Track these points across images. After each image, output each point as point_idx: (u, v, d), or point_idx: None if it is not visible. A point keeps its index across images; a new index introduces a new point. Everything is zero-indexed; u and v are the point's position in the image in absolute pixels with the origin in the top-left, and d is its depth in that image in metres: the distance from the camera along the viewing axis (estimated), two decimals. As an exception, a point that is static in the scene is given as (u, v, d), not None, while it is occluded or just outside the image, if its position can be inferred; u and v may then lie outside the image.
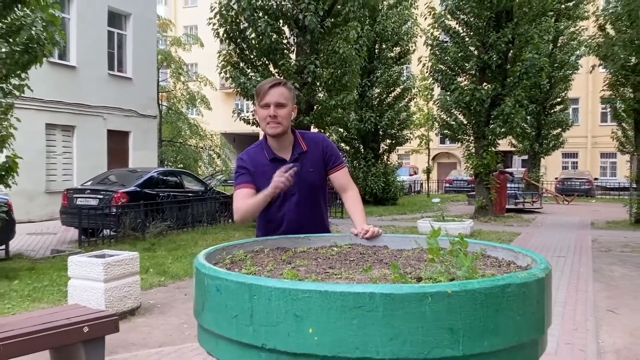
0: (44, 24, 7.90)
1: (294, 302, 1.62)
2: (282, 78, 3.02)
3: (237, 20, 13.92)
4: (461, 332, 1.55)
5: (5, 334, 3.75)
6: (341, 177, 3.05)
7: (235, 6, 13.78)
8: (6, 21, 7.92)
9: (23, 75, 8.20)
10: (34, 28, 7.79)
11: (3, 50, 7.79)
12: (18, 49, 7.88)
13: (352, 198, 3.04)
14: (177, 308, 6.74)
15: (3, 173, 8.27)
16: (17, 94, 8.23)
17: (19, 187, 9.33)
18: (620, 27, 16.94)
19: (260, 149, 3.00)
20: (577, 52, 26.52)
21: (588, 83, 36.77)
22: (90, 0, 18.98)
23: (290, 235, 2.81)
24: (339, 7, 13.85)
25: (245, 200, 2.90)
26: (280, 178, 2.71)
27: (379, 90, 24.55)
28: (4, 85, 8.03)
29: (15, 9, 7.89)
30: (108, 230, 12.53)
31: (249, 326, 1.70)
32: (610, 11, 17.53)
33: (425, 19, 19.20)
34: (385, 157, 25.45)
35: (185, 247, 11.17)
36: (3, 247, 10.21)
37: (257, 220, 3.12)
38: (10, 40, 7.88)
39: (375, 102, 24.36)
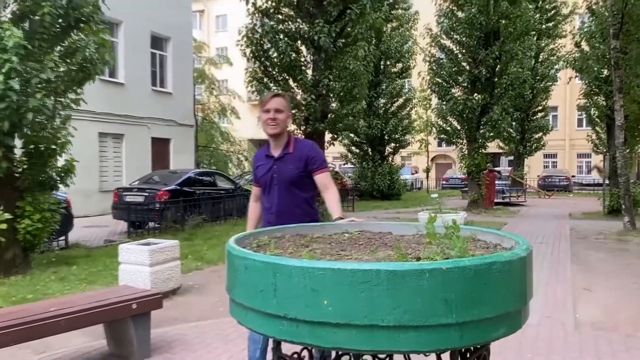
0: (96, 46, 7.95)
1: (311, 278, 1.64)
2: (282, 91, 3.42)
3: (261, 42, 13.97)
4: (454, 303, 1.56)
5: (67, 310, 3.82)
6: (321, 179, 3.16)
7: (259, 30, 13.86)
8: (64, 44, 7.98)
9: (79, 90, 8.24)
10: (87, 50, 7.82)
11: (62, 69, 7.86)
12: (74, 68, 7.95)
13: (329, 195, 3.13)
14: (212, 288, 6.80)
15: (63, 174, 8.34)
16: (74, 106, 8.27)
17: (76, 186, 9.42)
18: (593, 44, 16.83)
19: (265, 148, 3.29)
20: (556, 66, 26.28)
21: (566, 93, 36.34)
22: (135, 26, 19.12)
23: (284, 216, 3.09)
24: (349, 29, 13.86)
25: (252, 205, 3.47)
26: None
27: (384, 101, 24.53)
28: (62, 99, 8.08)
29: (72, 33, 7.96)
30: (152, 223, 12.63)
31: (273, 299, 1.72)
32: (585, 30, 17.42)
33: (424, 38, 19.22)
34: (390, 159, 25.42)
35: (218, 237, 11.22)
36: (63, 238, 10.30)
37: None
38: (68, 60, 7.95)
39: (381, 111, 24.34)
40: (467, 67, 18.11)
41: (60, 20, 7.61)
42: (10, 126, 7.04)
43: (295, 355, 2.14)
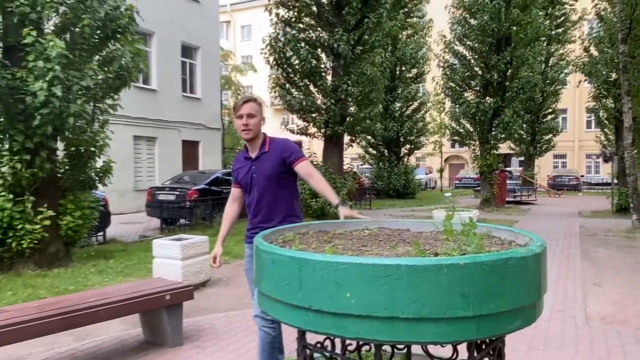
0: (131, 55, 8.00)
1: (334, 272, 1.63)
2: (253, 95, 3.19)
3: (284, 50, 14.00)
4: (471, 297, 1.54)
5: (106, 300, 3.87)
6: (302, 168, 3.04)
7: (282, 39, 13.90)
8: (102, 54, 8.05)
9: (115, 96, 8.30)
10: (123, 59, 7.90)
11: (100, 77, 7.95)
12: (111, 75, 8.02)
13: (316, 182, 3.02)
14: (239, 281, 6.81)
15: (101, 174, 8.42)
16: (111, 111, 8.34)
17: (113, 185, 9.54)
18: (602, 49, 16.53)
19: (244, 151, 3.21)
20: (566, 70, 25.84)
21: (575, 96, 35.69)
22: (167, 36, 19.33)
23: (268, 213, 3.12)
24: (367, 37, 13.82)
25: (229, 206, 3.36)
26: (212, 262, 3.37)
27: (400, 104, 24.39)
28: (100, 105, 8.15)
29: (109, 44, 8.03)
30: (183, 220, 12.73)
31: (299, 291, 1.72)
32: (594, 35, 17.10)
33: (438, 45, 19.03)
34: (405, 159, 25.25)
35: (244, 233, 11.24)
36: (101, 233, 10.42)
37: None
38: (106, 69, 8.03)
39: (397, 114, 24.20)
40: (480, 72, 17.88)
41: (98, 32, 7.68)
42: (53, 130, 7.12)
43: (319, 345, 2.14)
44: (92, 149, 8.10)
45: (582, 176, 34.99)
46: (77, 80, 7.16)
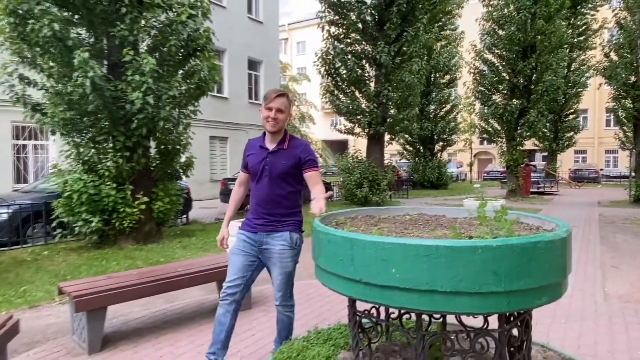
0: (208, 69, 8.11)
1: (381, 251, 1.63)
2: (285, 90, 2.60)
3: (333, 62, 13.96)
4: (503, 275, 1.50)
5: (189, 270, 4.01)
6: (310, 177, 2.69)
7: (332, 52, 13.87)
8: (185, 68, 8.21)
9: (195, 103, 8.44)
10: (202, 72, 8.01)
11: (183, 87, 8.10)
12: (192, 86, 8.16)
13: (315, 190, 2.60)
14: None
15: (184, 168, 8.61)
16: (192, 116, 8.53)
17: (193, 177, 9.77)
18: (622, 54, 15.48)
19: (260, 139, 2.84)
20: (587, 74, 24.37)
21: (595, 97, 33.67)
22: (236, 53, 19.65)
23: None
24: (405, 48, 13.55)
25: (236, 189, 2.95)
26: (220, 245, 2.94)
27: (434, 107, 23.81)
28: (184, 111, 8.32)
29: (190, 60, 8.15)
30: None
31: (351, 266, 1.73)
32: (614, 42, 16.04)
33: (469, 53, 18.41)
34: (438, 155, 24.67)
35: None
36: (185, 216, 10.69)
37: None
38: (188, 81, 8.17)
39: (431, 116, 23.66)
40: (507, 77, 17.18)
41: (182, 50, 7.84)
42: (147, 131, 7.38)
43: (367, 312, 2.14)
44: (178, 147, 8.31)
45: (602, 169, 33.03)
46: (166, 90, 7.36)
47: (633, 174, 16.00)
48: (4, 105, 12.32)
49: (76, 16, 7.44)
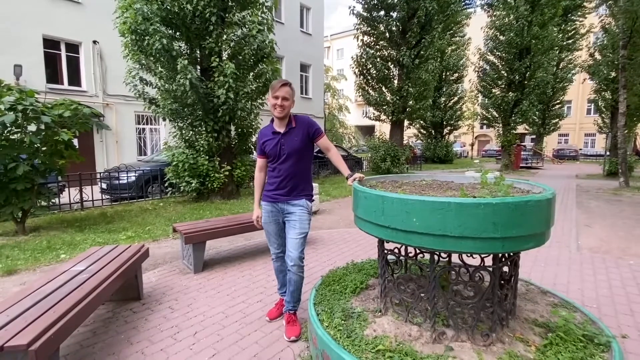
0: (272, 71, 8.05)
1: (405, 205, 1.64)
2: (288, 80, 2.24)
3: (365, 64, 13.52)
4: (500, 225, 1.48)
5: (227, 223, 4.15)
6: (323, 142, 2.47)
7: (364, 56, 13.42)
8: (255, 71, 8.14)
9: (263, 98, 8.37)
10: (267, 74, 7.96)
11: (254, 86, 8.06)
12: (260, 85, 8.11)
13: (333, 154, 2.48)
14: (336, 212, 6.95)
15: (254, 146, 8.73)
16: (260, 107, 8.50)
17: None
18: (605, 54, 14.02)
19: (269, 127, 2.52)
20: (573, 72, 22.30)
21: (579, 90, 30.84)
22: (291, 59, 19.39)
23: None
24: (423, 52, 12.87)
25: (258, 175, 2.61)
26: (256, 223, 2.60)
27: (444, 99, 22.65)
28: (255, 103, 8.27)
29: (259, 64, 8.09)
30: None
31: (381, 216, 1.75)
32: (599, 43, 14.53)
33: (474, 55, 17.29)
34: (446, 137, 23.69)
35: (339, 182, 11.43)
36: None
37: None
38: (257, 80, 8.12)
39: (442, 106, 22.53)
40: (505, 74, 16.04)
41: (253, 57, 7.83)
42: (229, 119, 7.54)
43: (392, 250, 2.18)
44: (250, 130, 8.37)
45: (580, 149, 30.67)
46: (242, 88, 7.42)
47: (608, 153, 14.79)
48: (129, 100, 12.96)
49: (177, 33, 7.57)
